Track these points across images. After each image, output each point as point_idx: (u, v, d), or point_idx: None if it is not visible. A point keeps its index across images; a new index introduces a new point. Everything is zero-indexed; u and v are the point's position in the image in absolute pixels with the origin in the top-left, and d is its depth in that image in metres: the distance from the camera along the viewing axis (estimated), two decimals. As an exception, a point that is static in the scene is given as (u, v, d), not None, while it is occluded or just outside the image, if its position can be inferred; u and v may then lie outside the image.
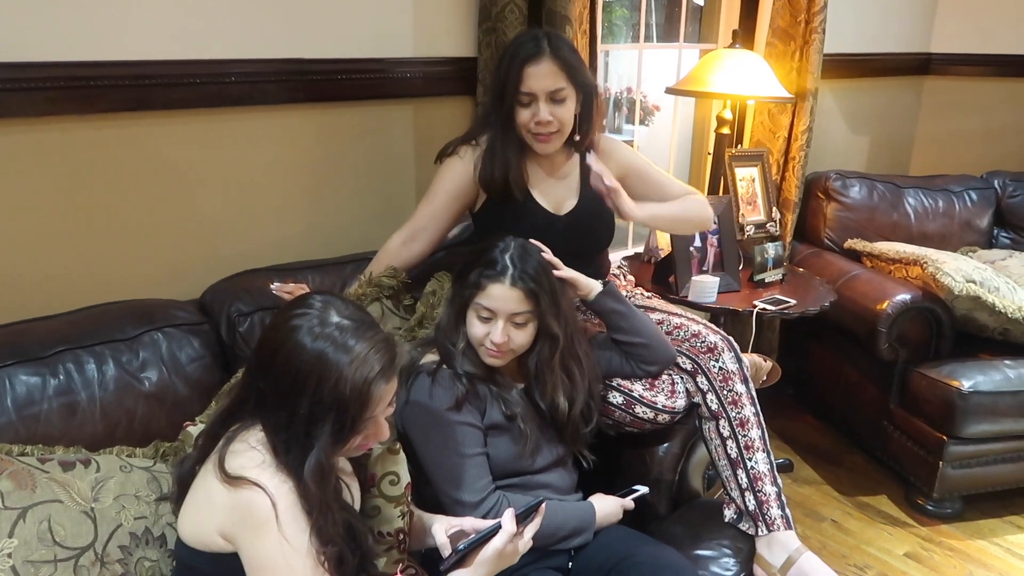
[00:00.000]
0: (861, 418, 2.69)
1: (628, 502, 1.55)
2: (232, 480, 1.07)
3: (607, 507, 1.50)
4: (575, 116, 1.62)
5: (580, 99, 1.61)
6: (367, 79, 1.93)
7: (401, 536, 1.32)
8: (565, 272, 1.53)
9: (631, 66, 4.55)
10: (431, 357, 1.48)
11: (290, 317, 1.11)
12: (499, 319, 1.39)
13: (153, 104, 1.64)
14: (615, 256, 2.63)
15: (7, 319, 1.44)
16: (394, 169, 2.04)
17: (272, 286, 1.67)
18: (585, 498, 1.54)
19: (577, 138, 1.66)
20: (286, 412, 1.08)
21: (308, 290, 1.73)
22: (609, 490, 1.59)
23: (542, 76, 1.54)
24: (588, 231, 1.71)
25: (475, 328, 1.42)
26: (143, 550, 1.25)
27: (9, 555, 1.10)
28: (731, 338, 1.66)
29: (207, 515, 1.11)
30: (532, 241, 1.49)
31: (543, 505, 1.19)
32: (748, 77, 2.29)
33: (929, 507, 2.46)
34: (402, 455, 1.32)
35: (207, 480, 1.12)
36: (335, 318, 1.11)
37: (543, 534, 1.39)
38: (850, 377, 2.73)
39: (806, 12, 2.67)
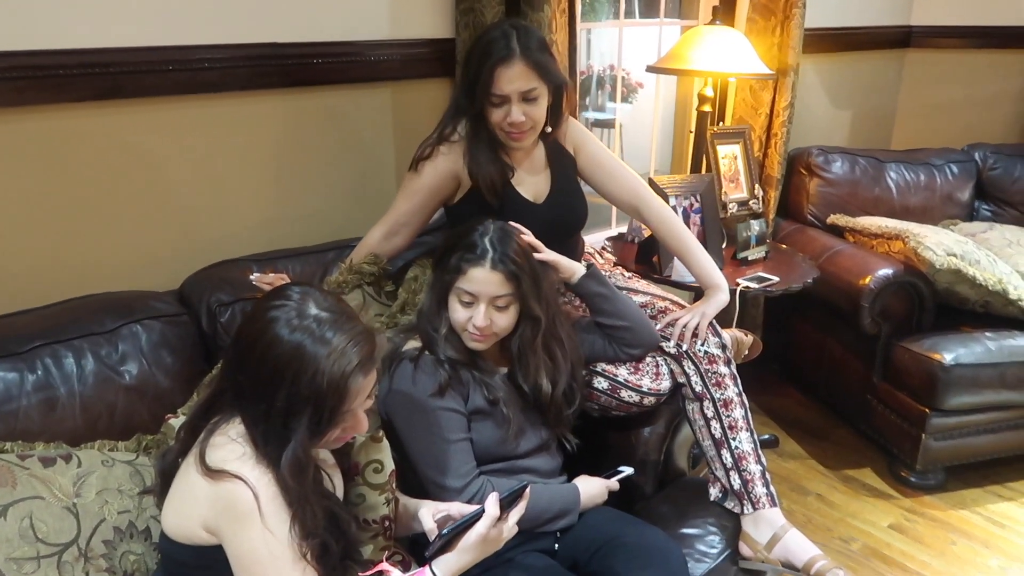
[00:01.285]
0: (846, 392, 2.71)
1: (613, 483, 1.56)
2: (213, 473, 1.07)
3: (592, 489, 1.51)
4: (547, 109, 1.61)
5: (552, 92, 1.60)
6: (342, 62, 1.90)
7: (387, 523, 1.32)
8: (547, 255, 1.53)
9: (613, 44, 4.51)
10: (413, 344, 1.48)
11: (268, 309, 1.10)
12: (481, 303, 1.38)
13: (125, 92, 1.61)
14: (599, 236, 2.63)
15: (-18, 314, 1.42)
16: (372, 153, 2.02)
17: (251, 276, 1.66)
18: (570, 480, 1.54)
19: (548, 129, 1.66)
20: (264, 404, 1.08)
21: (288, 280, 1.72)
22: (595, 472, 1.60)
23: (514, 78, 1.52)
24: (566, 216, 1.72)
25: (457, 313, 1.41)
26: (127, 544, 1.25)
27: (-8, 553, 1.10)
28: (714, 320, 1.66)
29: (190, 508, 1.10)
30: (512, 224, 1.49)
31: (527, 490, 1.19)
32: (728, 54, 2.28)
33: (912, 479, 2.49)
34: (385, 443, 1.31)
35: (189, 473, 1.11)
36: (313, 310, 1.10)
37: (528, 517, 1.39)
38: (834, 352, 2.75)
39: (787, -13, 2.65)
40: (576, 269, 1.58)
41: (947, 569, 2.15)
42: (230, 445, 1.10)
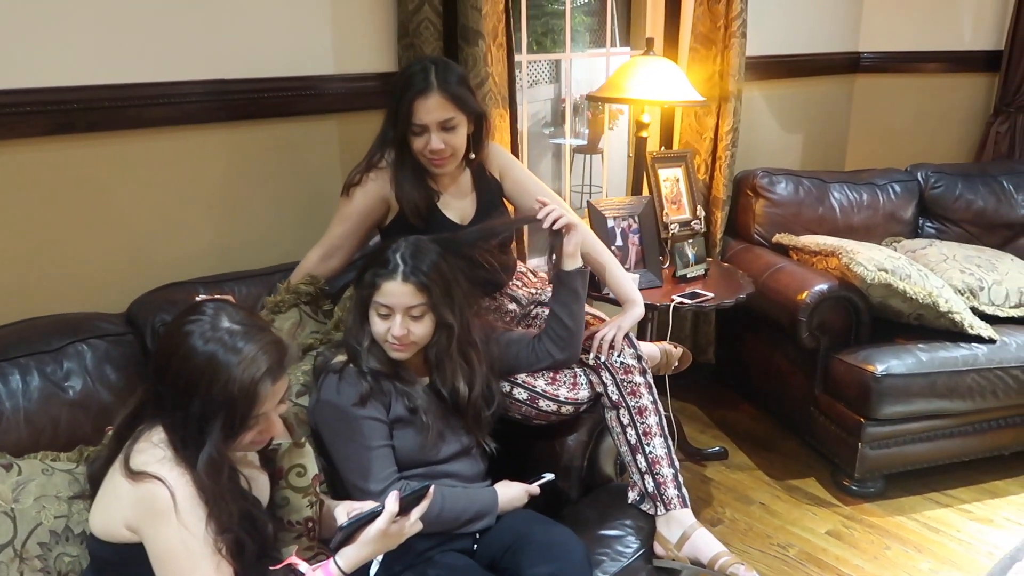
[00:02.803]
0: (791, 404, 2.81)
1: (533, 488, 1.65)
2: (135, 475, 1.17)
3: (510, 492, 1.60)
4: (468, 137, 1.74)
5: (472, 122, 1.73)
6: (288, 96, 2.02)
7: (310, 524, 1.41)
8: (570, 218, 1.64)
9: (590, 72, 4.67)
10: (340, 358, 1.58)
11: (184, 323, 1.21)
12: (396, 313, 1.49)
13: (76, 127, 1.72)
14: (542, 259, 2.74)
15: (-64, 336, 1.52)
16: (319, 181, 2.13)
17: (198, 298, 1.75)
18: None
19: (472, 156, 1.78)
20: (181, 411, 1.18)
21: (233, 300, 1.82)
22: (521, 478, 1.69)
23: (432, 109, 1.65)
24: None
25: (377, 325, 1.51)
26: (63, 546, 1.33)
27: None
28: (630, 334, 1.76)
29: (115, 509, 1.20)
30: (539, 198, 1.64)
31: (431, 489, 1.28)
32: (661, 82, 2.40)
33: (853, 487, 2.57)
34: (308, 449, 1.41)
35: (114, 477, 1.21)
36: (226, 323, 1.20)
37: (447, 519, 1.49)
38: (781, 366, 2.85)
39: (724, 18, 2.79)
40: (578, 260, 1.68)
41: (879, 573, 2.22)
42: (152, 450, 1.19)
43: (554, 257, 1.69)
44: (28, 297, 1.72)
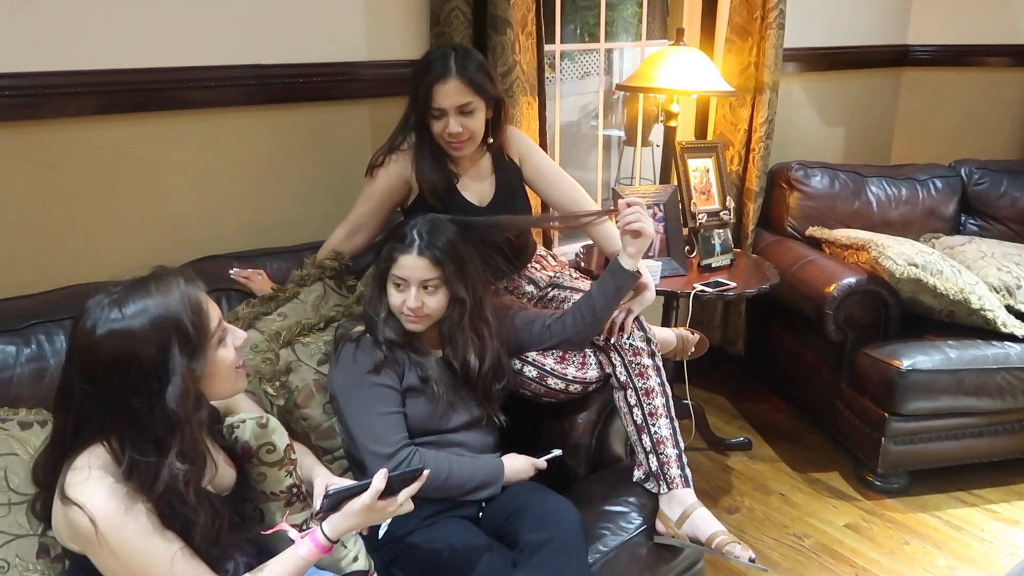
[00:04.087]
0: (817, 398, 2.80)
1: (540, 462, 1.70)
2: (64, 499, 1.11)
3: (517, 464, 1.66)
4: (487, 121, 1.80)
5: (491, 107, 1.79)
6: (322, 81, 2.11)
7: (294, 489, 1.41)
8: (644, 225, 1.63)
9: (635, 64, 4.66)
10: (359, 328, 1.66)
11: (82, 327, 1.13)
12: (411, 286, 1.56)
13: (122, 107, 1.84)
14: (577, 245, 2.78)
15: (-8, 298, 1.65)
16: (350, 164, 2.21)
17: (231, 271, 1.87)
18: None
19: (491, 140, 1.85)
20: (126, 393, 1.11)
21: (264, 275, 1.92)
22: (531, 454, 1.74)
23: (449, 94, 1.72)
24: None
25: (393, 297, 1.59)
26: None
27: (-32, 499, 1.28)
28: (642, 319, 1.80)
29: (59, 525, 1.16)
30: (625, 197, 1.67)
31: (424, 473, 1.30)
32: (690, 72, 2.42)
33: (876, 482, 2.56)
34: (272, 425, 1.38)
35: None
36: (105, 301, 1.14)
37: (452, 485, 1.56)
38: (808, 359, 2.84)
39: (761, 9, 2.79)
40: (635, 264, 1.68)
41: (895, 567, 2.22)
42: (81, 472, 1.11)
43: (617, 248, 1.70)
44: (73, 265, 1.83)
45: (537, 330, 1.77)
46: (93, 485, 1.09)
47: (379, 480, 1.22)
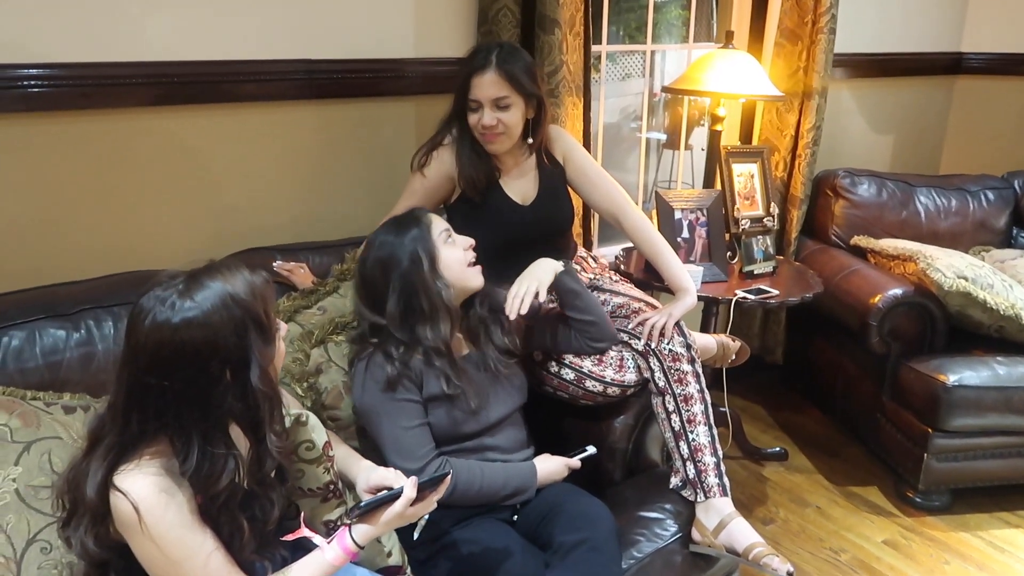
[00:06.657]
0: (857, 411, 2.75)
1: (574, 461, 1.69)
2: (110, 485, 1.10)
3: (550, 467, 1.64)
4: (528, 120, 1.80)
5: (532, 106, 1.79)
6: (370, 78, 2.13)
7: (331, 486, 1.41)
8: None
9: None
10: (369, 349, 1.59)
11: (151, 321, 1.09)
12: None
13: (177, 99, 1.87)
14: (616, 248, 2.76)
15: (45, 282, 1.69)
16: (396, 160, 2.22)
17: (274, 264, 1.89)
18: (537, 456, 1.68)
19: (531, 140, 1.84)
20: (205, 376, 1.10)
21: (307, 269, 1.94)
22: (565, 455, 1.73)
23: (486, 86, 1.74)
24: (551, 217, 1.89)
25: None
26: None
27: (14, 480, 1.31)
28: (682, 322, 1.78)
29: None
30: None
31: (448, 477, 1.30)
32: (737, 76, 2.39)
33: (917, 499, 2.50)
34: (312, 422, 1.38)
35: None
36: (172, 291, 1.11)
37: (486, 494, 1.56)
38: (849, 371, 2.79)
39: (812, 13, 2.74)
40: (556, 267, 1.71)
41: (934, 586, 2.17)
42: (131, 462, 1.11)
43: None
44: (124, 253, 1.87)
45: (574, 337, 1.76)
46: (139, 473, 1.10)
47: (410, 489, 1.22)
